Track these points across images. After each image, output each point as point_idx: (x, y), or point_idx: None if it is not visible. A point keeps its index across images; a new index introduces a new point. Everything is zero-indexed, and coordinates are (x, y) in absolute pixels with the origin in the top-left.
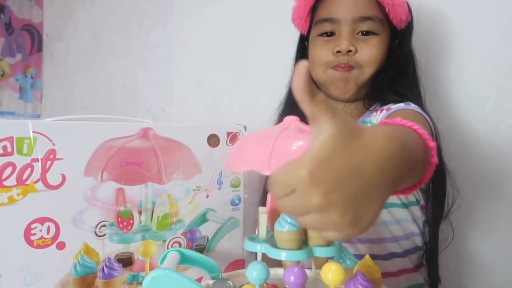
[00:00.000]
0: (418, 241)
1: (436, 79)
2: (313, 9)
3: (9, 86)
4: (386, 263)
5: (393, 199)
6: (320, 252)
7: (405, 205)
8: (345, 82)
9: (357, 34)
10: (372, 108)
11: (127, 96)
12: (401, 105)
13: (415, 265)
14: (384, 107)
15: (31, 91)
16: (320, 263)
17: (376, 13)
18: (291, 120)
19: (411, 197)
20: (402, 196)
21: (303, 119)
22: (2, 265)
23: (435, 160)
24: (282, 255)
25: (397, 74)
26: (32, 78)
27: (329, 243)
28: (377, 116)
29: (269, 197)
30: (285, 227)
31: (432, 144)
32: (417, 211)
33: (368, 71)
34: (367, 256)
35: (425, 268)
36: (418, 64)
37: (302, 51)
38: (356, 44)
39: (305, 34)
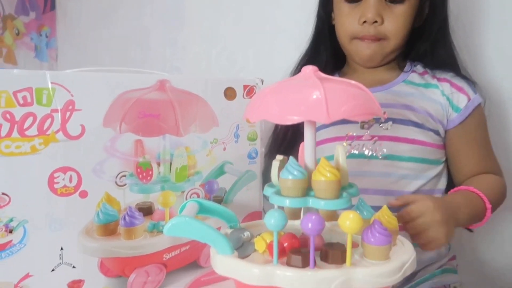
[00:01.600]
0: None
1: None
2: None
3: (24, 45)
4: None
5: (416, 152)
6: (326, 204)
7: (430, 162)
8: (371, 53)
9: (385, 1)
10: (408, 69)
11: (141, 55)
12: (473, 96)
13: None
14: (437, 75)
15: (46, 50)
16: (328, 217)
17: None
18: (311, 69)
19: (437, 155)
20: (427, 151)
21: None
22: (29, 211)
23: (489, 214)
24: (286, 202)
25: (430, 34)
26: (46, 37)
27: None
28: (426, 79)
29: (301, 147)
30: (289, 175)
31: (489, 206)
32: (441, 169)
33: (394, 42)
34: (385, 206)
35: None
36: (451, 26)
37: (325, 4)
38: (383, 13)
39: None
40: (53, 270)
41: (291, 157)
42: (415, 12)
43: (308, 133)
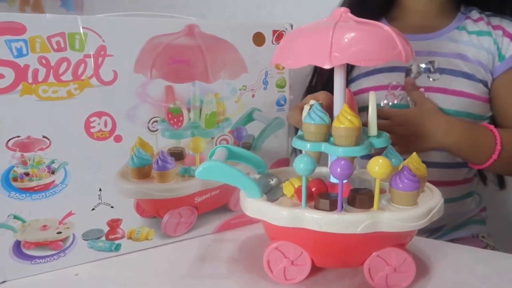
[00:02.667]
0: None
1: None
2: None
3: None
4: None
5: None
6: (344, 152)
7: (475, 116)
8: None
9: None
10: (462, 15)
11: (166, 2)
12: None
13: (463, 178)
14: (492, 21)
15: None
16: None
17: None
18: (342, 11)
19: (483, 110)
20: (474, 105)
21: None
22: (69, 154)
23: (496, 156)
24: (307, 146)
25: None
26: None
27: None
28: (480, 26)
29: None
30: (312, 120)
31: (499, 147)
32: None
33: None
34: (414, 154)
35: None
36: None
37: None
38: None
39: None
40: (93, 209)
41: (316, 102)
42: None
43: (337, 79)
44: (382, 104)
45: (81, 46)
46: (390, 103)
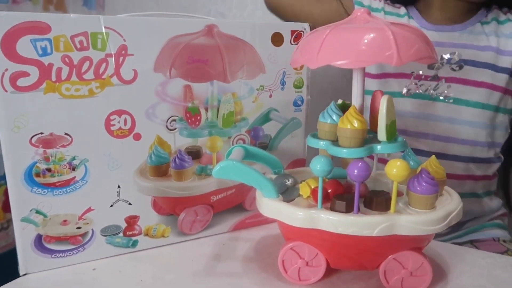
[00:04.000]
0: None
1: None
2: None
3: None
4: (449, 163)
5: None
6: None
7: (496, 109)
8: None
9: None
10: (484, 10)
11: (187, 1)
12: None
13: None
14: None
15: None
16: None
17: None
18: (363, 11)
19: (505, 102)
20: (495, 96)
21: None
22: (89, 151)
23: None
24: (320, 144)
25: None
26: None
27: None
28: (501, 16)
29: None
30: (328, 119)
31: None
32: (504, 119)
33: None
34: (433, 157)
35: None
36: None
37: None
38: None
39: None
40: (111, 205)
41: (332, 102)
42: None
43: (356, 79)
44: (403, 92)
45: (103, 45)
46: (412, 92)
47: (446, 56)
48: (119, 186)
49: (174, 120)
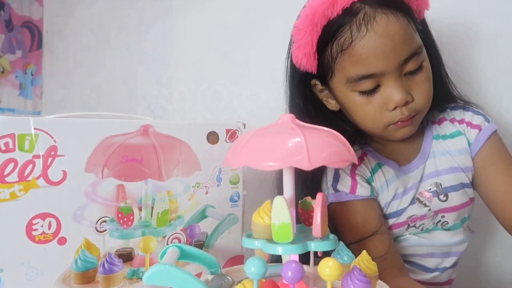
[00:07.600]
0: None
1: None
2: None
3: (9, 83)
4: None
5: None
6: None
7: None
8: (410, 131)
9: (404, 75)
10: (426, 122)
11: (127, 93)
12: (486, 125)
13: None
14: (455, 116)
15: (31, 88)
16: None
17: (416, 39)
18: (287, 117)
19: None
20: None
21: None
22: (4, 260)
23: None
24: (279, 250)
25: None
26: (32, 75)
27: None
28: (448, 127)
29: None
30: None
31: None
32: None
33: (426, 110)
34: (364, 252)
35: None
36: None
37: (303, 89)
38: (409, 88)
39: (315, 72)
40: None
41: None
42: (430, 68)
43: (286, 179)
44: (407, 235)
45: (31, 147)
46: (410, 233)
47: (429, 191)
48: None
49: (105, 221)
